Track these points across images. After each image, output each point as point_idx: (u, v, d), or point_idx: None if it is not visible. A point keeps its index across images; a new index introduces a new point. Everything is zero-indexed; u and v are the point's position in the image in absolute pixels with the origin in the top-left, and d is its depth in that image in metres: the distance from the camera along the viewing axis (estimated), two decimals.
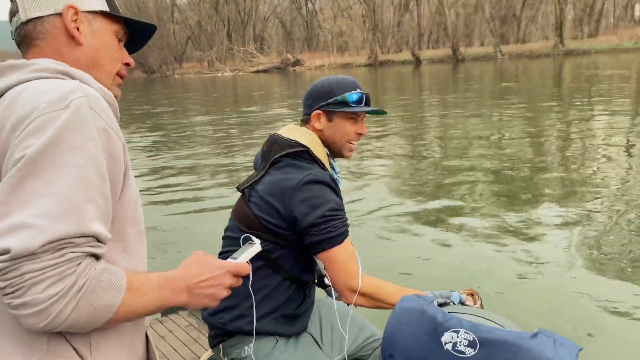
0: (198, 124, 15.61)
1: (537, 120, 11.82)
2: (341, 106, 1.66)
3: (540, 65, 37.66)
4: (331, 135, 1.69)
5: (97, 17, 1.01)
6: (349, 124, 1.69)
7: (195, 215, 6.08)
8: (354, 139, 1.71)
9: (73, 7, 0.96)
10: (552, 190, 5.92)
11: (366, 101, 1.69)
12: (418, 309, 1.37)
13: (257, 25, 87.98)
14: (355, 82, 1.72)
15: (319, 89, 1.70)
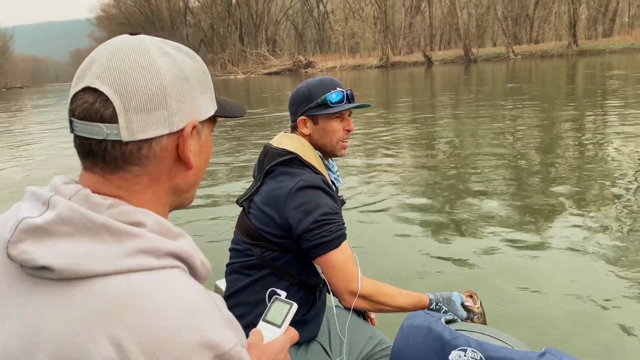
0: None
1: (551, 121, 11.80)
2: (323, 108, 1.65)
3: (554, 65, 37.35)
4: (320, 137, 1.69)
5: (205, 123, 0.79)
6: (336, 123, 1.68)
7: (205, 211, 6.21)
8: (344, 137, 1.70)
9: (196, 125, 0.75)
10: (566, 198, 5.77)
11: (348, 98, 1.68)
12: (426, 326, 1.38)
13: (269, 28, 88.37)
14: (334, 81, 1.70)
15: (300, 95, 1.70)
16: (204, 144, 0.78)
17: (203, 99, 0.76)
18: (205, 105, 0.77)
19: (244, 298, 1.64)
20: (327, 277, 1.56)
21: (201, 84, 0.76)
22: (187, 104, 0.73)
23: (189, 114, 0.73)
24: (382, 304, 1.56)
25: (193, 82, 0.74)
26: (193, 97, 0.74)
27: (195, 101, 0.74)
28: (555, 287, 3.71)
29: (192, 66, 0.75)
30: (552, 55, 50.03)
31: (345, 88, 1.69)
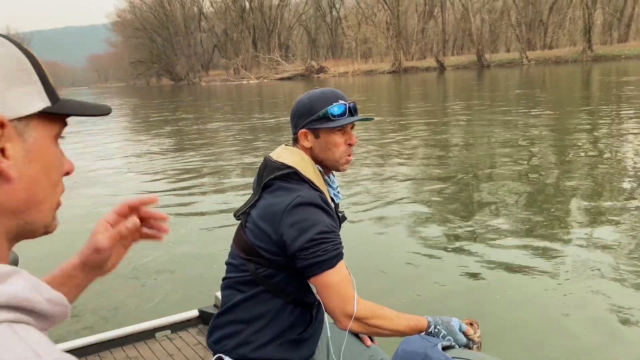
0: (222, 128, 15.87)
1: (564, 129, 11.66)
2: (324, 121, 1.59)
3: (568, 71, 37.03)
4: (321, 151, 1.63)
5: (32, 123, 0.62)
6: (338, 137, 1.61)
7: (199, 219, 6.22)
8: (346, 151, 1.63)
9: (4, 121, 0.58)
10: (579, 211, 5.57)
11: (351, 111, 1.62)
12: (421, 352, 1.34)
13: (282, 33, 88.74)
14: (337, 93, 1.64)
15: (301, 107, 1.64)
16: (34, 148, 0.62)
17: (14, 92, 0.60)
18: (21, 100, 0.61)
19: (238, 315, 1.60)
20: (321, 298, 1.51)
21: (10, 73, 0.61)
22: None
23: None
24: (379, 327, 1.50)
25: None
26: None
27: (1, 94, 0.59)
28: (565, 309, 3.57)
29: None
30: (566, 61, 49.63)
31: (348, 100, 1.63)
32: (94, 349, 2.63)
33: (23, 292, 0.53)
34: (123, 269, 4.70)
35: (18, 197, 0.60)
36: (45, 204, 0.64)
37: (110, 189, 8.50)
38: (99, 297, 4.18)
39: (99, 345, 2.65)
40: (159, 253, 5.09)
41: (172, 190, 8.16)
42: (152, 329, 2.78)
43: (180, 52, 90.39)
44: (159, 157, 11.72)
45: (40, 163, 0.62)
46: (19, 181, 0.59)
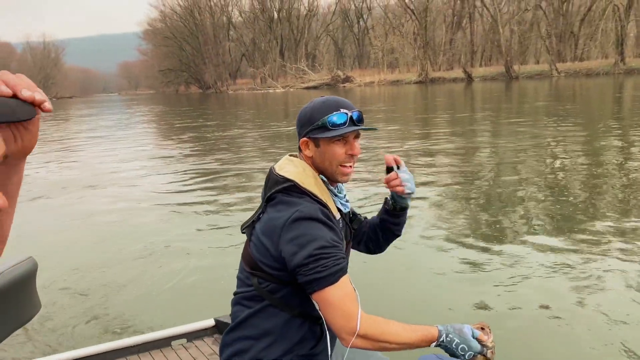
0: (244, 135, 15.97)
1: (594, 145, 11.37)
2: (322, 131, 1.55)
3: (599, 84, 36.28)
4: (321, 161, 1.59)
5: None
6: (338, 147, 1.57)
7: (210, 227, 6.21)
8: (345, 162, 1.58)
9: None
10: (607, 229, 5.34)
11: (354, 120, 1.57)
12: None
13: (310, 43, 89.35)
14: (339, 102, 1.59)
15: (303, 116, 1.62)
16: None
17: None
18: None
19: (246, 332, 1.58)
20: (324, 315, 1.46)
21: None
22: None
23: None
24: (385, 342, 1.44)
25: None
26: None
27: None
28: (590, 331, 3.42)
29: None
30: (597, 74, 48.65)
31: (352, 109, 1.58)
32: (112, 356, 2.66)
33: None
34: (141, 276, 4.78)
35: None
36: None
37: (127, 190, 8.62)
38: (117, 304, 4.21)
39: (116, 352, 2.67)
40: (177, 261, 5.10)
41: (191, 197, 8.21)
42: (168, 337, 2.79)
43: (208, 61, 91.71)
44: (180, 162, 11.83)
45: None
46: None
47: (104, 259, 5.32)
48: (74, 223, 6.88)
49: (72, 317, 4.00)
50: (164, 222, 6.71)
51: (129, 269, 4.98)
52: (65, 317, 3.99)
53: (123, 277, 4.77)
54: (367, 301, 1.57)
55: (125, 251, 5.52)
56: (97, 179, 9.96)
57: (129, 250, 5.55)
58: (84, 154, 14.19)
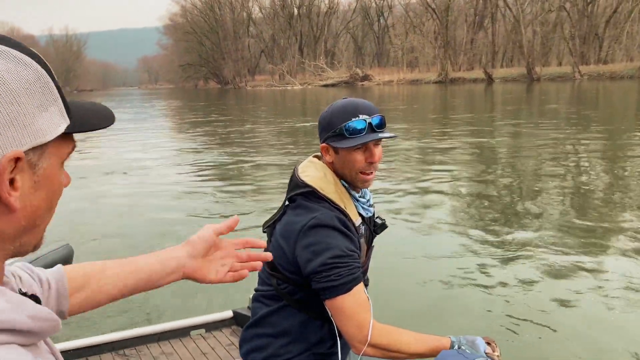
0: (266, 129, 15.98)
1: (616, 150, 11.13)
2: (340, 139, 1.50)
3: (623, 87, 35.64)
4: (341, 167, 1.55)
5: (48, 149, 0.60)
6: (357, 155, 1.51)
7: None
8: (365, 169, 1.53)
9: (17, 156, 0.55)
10: (626, 236, 5.31)
11: (373, 126, 1.51)
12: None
13: (329, 40, 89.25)
14: (358, 107, 1.53)
15: (322, 120, 1.58)
16: (42, 179, 0.59)
17: (43, 118, 0.57)
18: (48, 125, 0.58)
19: (265, 329, 1.60)
20: (336, 322, 1.47)
21: (38, 96, 0.57)
22: (16, 126, 0.54)
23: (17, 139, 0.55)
24: (396, 351, 1.44)
25: (22, 95, 0.55)
26: (25, 116, 0.55)
27: (28, 122, 0.56)
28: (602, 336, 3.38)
29: (20, 74, 0.56)
30: (621, 77, 47.77)
31: (373, 113, 1.51)
32: (133, 343, 2.75)
33: (4, 314, 0.52)
34: None
35: (18, 225, 0.59)
36: (40, 228, 0.64)
37: (144, 179, 8.69)
38: (139, 294, 4.23)
39: (137, 339, 2.76)
40: None
41: (211, 187, 8.26)
42: (187, 327, 2.87)
43: (228, 57, 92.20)
44: (201, 154, 11.84)
45: (45, 192, 0.61)
46: (21, 211, 0.58)
47: (129, 247, 5.55)
48: (101, 210, 7.18)
49: None
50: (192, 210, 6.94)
51: None
52: None
53: None
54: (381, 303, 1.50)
55: (151, 242, 5.69)
56: (125, 167, 10.09)
57: (154, 241, 5.72)
58: (98, 147, 14.29)
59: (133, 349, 2.72)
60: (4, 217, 0.57)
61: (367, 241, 1.63)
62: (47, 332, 0.58)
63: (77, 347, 2.65)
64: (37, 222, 0.62)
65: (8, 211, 0.57)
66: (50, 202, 0.62)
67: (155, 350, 2.72)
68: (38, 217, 0.61)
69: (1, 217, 0.57)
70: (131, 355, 2.68)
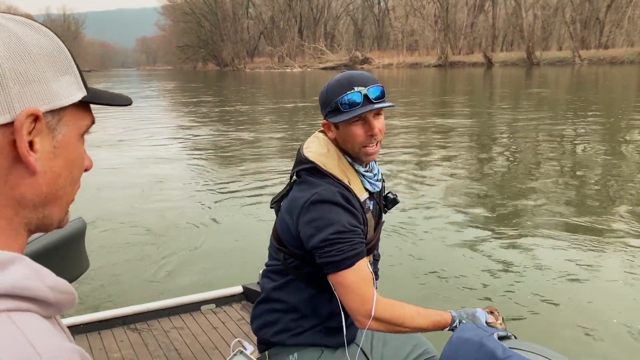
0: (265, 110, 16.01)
1: (614, 135, 11.22)
2: (336, 113, 1.48)
3: (624, 72, 35.54)
4: (343, 142, 1.54)
5: (65, 117, 0.61)
6: (357, 128, 1.48)
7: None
8: (366, 142, 1.49)
9: (34, 114, 0.56)
10: (623, 218, 5.44)
11: (370, 98, 1.47)
12: (477, 341, 1.30)
13: (329, 23, 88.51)
14: (353, 80, 1.49)
15: (321, 97, 1.56)
16: (62, 145, 0.61)
17: (59, 83, 0.60)
18: (64, 90, 0.60)
19: (274, 305, 1.62)
20: (339, 297, 1.47)
21: (55, 62, 0.60)
22: (34, 85, 0.57)
23: (34, 98, 0.56)
24: (399, 325, 1.46)
25: (41, 59, 0.58)
26: (42, 78, 0.58)
27: (44, 84, 0.58)
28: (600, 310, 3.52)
29: (40, 41, 0.59)
30: (622, 62, 47.61)
31: (370, 84, 1.47)
32: (144, 317, 2.78)
33: (23, 280, 0.52)
34: (174, 244, 5.02)
35: (40, 190, 0.59)
36: (63, 200, 0.63)
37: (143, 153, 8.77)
38: (151, 268, 4.44)
39: (148, 313, 2.80)
40: (208, 230, 5.38)
41: (221, 166, 8.40)
42: (198, 301, 2.90)
43: (227, 38, 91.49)
44: (210, 134, 11.92)
45: (64, 160, 0.61)
46: (42, 175, 0.59)
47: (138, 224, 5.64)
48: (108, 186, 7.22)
49: (109, 279, 4.23)
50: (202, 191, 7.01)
51: (164, 237, 5.26)
52: (103, 279, 4.21)
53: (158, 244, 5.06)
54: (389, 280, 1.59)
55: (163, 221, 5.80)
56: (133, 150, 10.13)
57: (165, 219, 5.85)
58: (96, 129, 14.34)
59: (144, 323, 2.75)
60: (25, 180, 0.57)
61: (375, 216, 1.61)
62: (64, 306, 0.57)
63: (89, 321, 2.68)
64: (59, 192, 0.62)
65: (28, 174, 0.57)
66: (70, 173, 0.63)
67: (166, 325, 2.75)
68: (60, 186, 0.62)
69: (22, 180, 0.57)
70: (142, 330, 2.71)
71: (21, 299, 0.51)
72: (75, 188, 0.65)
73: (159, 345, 2.58)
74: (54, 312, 0.56)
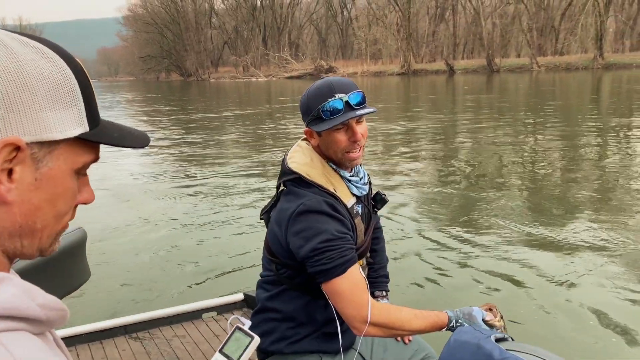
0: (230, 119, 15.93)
1: (573, 136, 11.59)
2: (318, 121, 1.48)
3: (578, 78, 36.83)
4: (326, 149, 1.53)
5: (57, 150, 0.59)
6: (339, 135, 1.48)
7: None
8: (350, 148, 1.50)
9: (14, 143, 0.53)
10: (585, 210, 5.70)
11: (352, 105, 1.47)
12: (474, 343, 1.30)
13: (293, 32, 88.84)
14: (333, 87, 1.48)
15: (302, 105, 1.55)
16: (47, 177, 0.58)
17: (54, 115, 0.57)
18: (58, 124, 0.57)
19: (270, 314, 1.62)
20: (334, 305, 1.46)
21: (55, 94, 0.57)
22: (20, 114, 0.54)
23: (18, 127, 0.54)
24: (396, 329, 1.45)
25: (39, 89, 0.55)
26: (33, 107, 0.55)
27: (34, 114, 0.55)
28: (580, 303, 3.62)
29: (44, 70, 0.56)
30: (576, 68, 49.35)
31: (350, 91, 1.47)
32: (146, 326, 2.79)
33: (12, 300, 0.51)
34: (174, 252, 5.03)
35: (14, 220, 0.57)
36: (44, 232, 0.61)
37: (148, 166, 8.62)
38: (152, 277, 4.44)
39: (150, 322, 2.80)
40: (208, 238, 5.40)
41: (221, 173, 8.30)
42: (199, 309, 2.91)
43: (190, 48, 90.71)
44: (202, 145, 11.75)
45: (47, 193, 0.59)
46: (18, 205, 0.57)
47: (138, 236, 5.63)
48: None
49: (110, 288, 4.21)
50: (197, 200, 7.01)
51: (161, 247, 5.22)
52: (104, 288, 4.19)
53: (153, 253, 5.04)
54: None
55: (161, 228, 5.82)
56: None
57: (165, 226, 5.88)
58: None
59: (146, 332, 2.76)
60: (1, 210, 0.56)
61: (364, 220, 1.61)
62: (55, 322, 0.57)
63: (91, 331, 2.67)
64: (38, 224, 0.59)
65: (1, 203, 0.56)
66: (54, 207, 0.60)
67: (167, 333, 2.76)
68: (39, 219, 0.59)
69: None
70: (144, 338, 2.72)
71: (11, 319, 0.50)
72: (65, 220, 0.63)
73: (160, 353, 2.58)
74: (45, 329, 0.56)
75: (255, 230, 5.52)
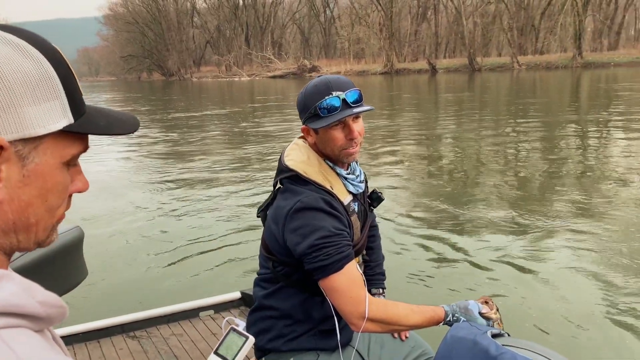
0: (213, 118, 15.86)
1: (553, 134, 11.75)
2: (316, 119, 1.49)
3: (558, 76, 37.34)
4: (323, 147, 1.55)
5: (43, 145, 0.58)
6: (336, 132, 1.50)
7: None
8: (347, 145, 1.51)
9: (1, 144, 0.54)
10: (565, 207, 5.80)
11: (349, 102, 1.48)
12: (470, 339, 1.31)
13: (275, 31, 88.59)
14: (330, 85, 1.49)
15: (299, 103, 1.56)
16: (32, 174, 0.57)
17: (36, 110, 0.56)
18: (41, 119, 0.57)
19: (267, 312, 1.63)
20: (332, 301, 1.47)
21: (35, 89, 0.56)
22: (1, 113, 0.54)
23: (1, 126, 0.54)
24: (394, 324, 1.46)
25: (16, 86, 0.54)
26: (12, 105, 0.54)
27: (14, 111, 0.54)
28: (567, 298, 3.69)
29: (21, 66, 0.55)
30: (556, 67, 50.02)
31: (347, 89, 1.49)
32: (143, 324, 2.80)
33: (12, 297, 0.51)
34: (171, 251, 5.02)
35: (6, 217, 0.57)
36: (39, 226, 0.61)
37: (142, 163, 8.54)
38: (149, 275, 4.45)
39: (147, 321, 2.82)
40: (205, 235, 5.41)
41: (217, 170, 8.32)
42: (196, 308, 2.94)
43: (172, 48, 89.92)
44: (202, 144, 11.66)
45: (37, 188, 0.59)
46: (8, 203, 0.57)
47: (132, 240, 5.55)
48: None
49: (107, 287, 4.21)
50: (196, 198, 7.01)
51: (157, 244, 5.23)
52: (101, 287, 4.19)
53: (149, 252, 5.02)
54: None
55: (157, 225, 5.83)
56: None
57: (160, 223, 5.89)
58: None
59: (143, 331, 2.76)
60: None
61: (360, 217, 1.62)
62: (55, 319, 0.57)
63: (88, 330, 2.67)
64: (31, 219, 0.59)
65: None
66: (45, 201, 0.60)
67: (165, 332, 2.76)
68: (31, 214, 0.59)
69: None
70: (141, 337, 2.73)
71: (11, 315, 0.50)
72: (59, 212, 0.63)
73: (158, 352, 2.58)
74: (45, 326, 0.56)
75: (252, 228, 5.52)
